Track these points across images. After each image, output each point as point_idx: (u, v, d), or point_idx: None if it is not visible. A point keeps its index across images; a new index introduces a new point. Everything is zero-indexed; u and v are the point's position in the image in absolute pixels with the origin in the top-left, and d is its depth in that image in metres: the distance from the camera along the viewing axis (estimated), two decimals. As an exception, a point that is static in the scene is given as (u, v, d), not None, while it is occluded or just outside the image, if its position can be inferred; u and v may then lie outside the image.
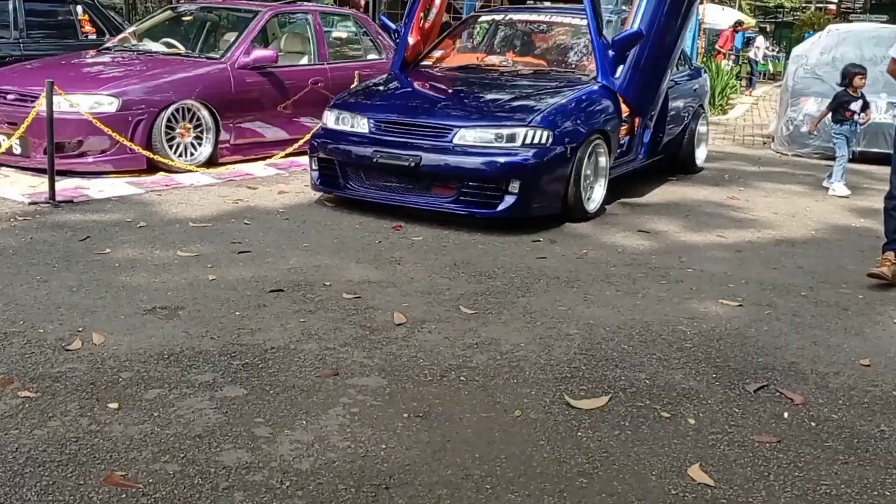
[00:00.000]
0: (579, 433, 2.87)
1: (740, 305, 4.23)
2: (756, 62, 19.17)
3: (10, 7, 8.42)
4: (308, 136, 6.74)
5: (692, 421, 2.99)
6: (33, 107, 6.05)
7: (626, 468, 2.66)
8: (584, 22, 6.24)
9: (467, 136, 5.36)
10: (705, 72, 8.65)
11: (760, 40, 19.71)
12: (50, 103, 5.59)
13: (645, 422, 2.98)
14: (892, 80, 4.96)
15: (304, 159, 7.02)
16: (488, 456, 2.71)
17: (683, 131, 7.57)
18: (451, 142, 5.37)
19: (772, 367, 3.51)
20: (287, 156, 7.37)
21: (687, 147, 7.67)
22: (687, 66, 7.86)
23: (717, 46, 18.82)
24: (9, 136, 6.28)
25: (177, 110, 6.72)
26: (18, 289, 3.97)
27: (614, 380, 3.31)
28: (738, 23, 20.06)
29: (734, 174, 8.20)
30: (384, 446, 2.73)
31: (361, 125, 5.70)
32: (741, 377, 3.39)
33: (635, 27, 5.84)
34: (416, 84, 6.38)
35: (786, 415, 3.07)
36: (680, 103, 7.33)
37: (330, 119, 5.92)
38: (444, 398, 3.08)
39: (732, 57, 18.27)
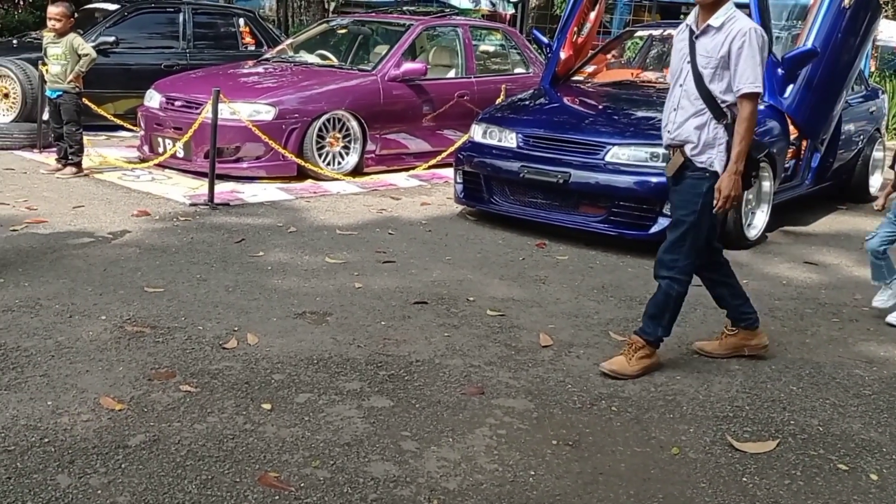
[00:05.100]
0: (744, 478, 2.67)
1: (926, 351, 3.83)
2: None
3: (181, 19, 8.99)
4: (451, 149, 6.76)
5: (874, 476, 2.72)
6: (198, 113, 6.39)
7: (802, 524, 2.42)
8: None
9: (620, 154, 5.18)
10: (883, 93, 8.00)
11: None
12: (215, 111, 5.87)
13: (819, 473, 2.73)
14: None
15: (446, 171, 7.07)
16: (644, 494, 2.55)
17: (857, 156, 7.04)
18: (602, 159, 5.21)
19: (968, 423, 3.13)
20: (429, 168, 7.42)
21: (860, 174, 7.12)
22: (863, 87, 7.30)
23: None
24: (174, 140, 6.66)
25: (328, 120, 6.90)
26: (181, 286, 4.14)
27: (782, 423, 3.06)
28: None
29: (910, 205, 7.54)
30: (533, 473, 2.63)
31: (509, 139, 5.63)
32: (931, 432, 3.04)
33: (809, 44, 5.47)
34: (566, 99, 6.26)
35: None
36: (853, 126, 6.82)
37: (477, 132, 5.89)
38: (595, 428, 2.94)
39: None
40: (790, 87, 5.58)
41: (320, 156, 6.87)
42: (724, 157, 3.25)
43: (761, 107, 5.58)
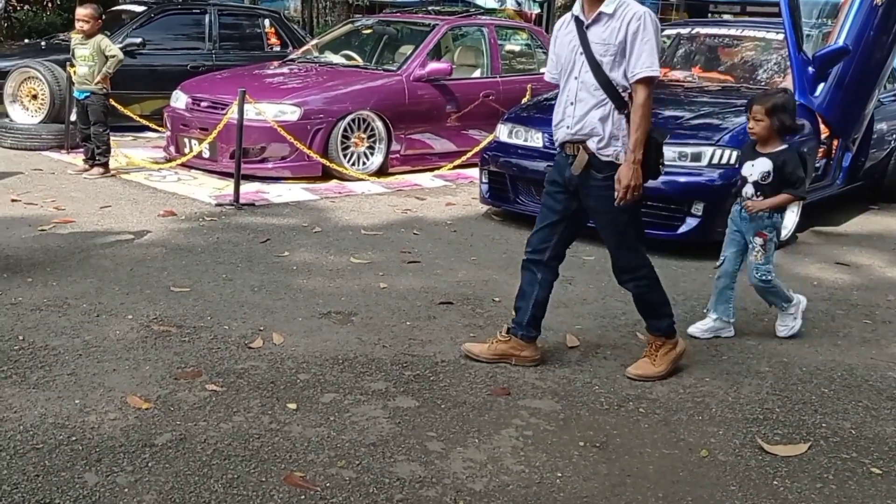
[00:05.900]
0: (775, 482, 2.63)
1: (961, 354, 3.74)
2: None
3: (207, 21, 9.05)
4: (476, 149, 6.72)
5: (910, 482, 2.65)
6: (224, 114, 6.42)
7: (835, 529, 2.37)
8: (779, 36, 5.84)
9: (646, 153, 5.11)
10: (916, 91, 7.84)
11: None
12: (241, 111, 5.89)
13: (852, 476, 2.68)
14: None
15: (471, 171, 7.03)
16: (673, 496, 2.51)
17: (889, 156, 6.90)
18: (628, 159, 5.14)
19: None
20: (454, 168, 7.40)
21: (893, 173, 6.98)
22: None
23: None
24: (200, 140, 6.70)
25: (353, 120, 6.90)
26: (206, 286, 4.16)
27: (814, 426, 3.00)
28: None
29: (945, 206, 7.38)
30: (560, 474, 2.60)
31: (535, 139, 5.60)
32: (969, 437, 2.96)
33: (840, 42, 5.37)
34: (592, 99, 6.19)
35: None
36: (885, 125, 6.67)
37: (503, 132, 5.86)
38: (623, 429, 2.91)
39: None
40: (821, 86, 5.48)
41: (345, 156, 6.88)
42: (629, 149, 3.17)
43: (791, 105, 5.52)
